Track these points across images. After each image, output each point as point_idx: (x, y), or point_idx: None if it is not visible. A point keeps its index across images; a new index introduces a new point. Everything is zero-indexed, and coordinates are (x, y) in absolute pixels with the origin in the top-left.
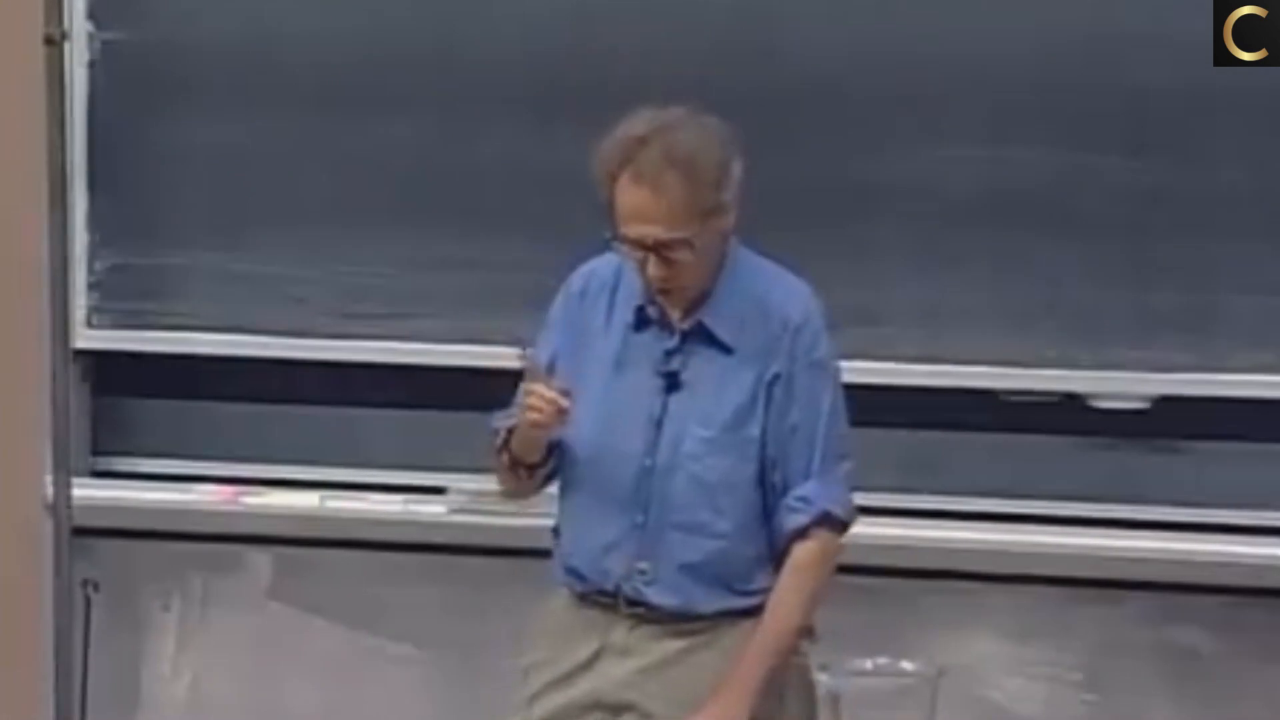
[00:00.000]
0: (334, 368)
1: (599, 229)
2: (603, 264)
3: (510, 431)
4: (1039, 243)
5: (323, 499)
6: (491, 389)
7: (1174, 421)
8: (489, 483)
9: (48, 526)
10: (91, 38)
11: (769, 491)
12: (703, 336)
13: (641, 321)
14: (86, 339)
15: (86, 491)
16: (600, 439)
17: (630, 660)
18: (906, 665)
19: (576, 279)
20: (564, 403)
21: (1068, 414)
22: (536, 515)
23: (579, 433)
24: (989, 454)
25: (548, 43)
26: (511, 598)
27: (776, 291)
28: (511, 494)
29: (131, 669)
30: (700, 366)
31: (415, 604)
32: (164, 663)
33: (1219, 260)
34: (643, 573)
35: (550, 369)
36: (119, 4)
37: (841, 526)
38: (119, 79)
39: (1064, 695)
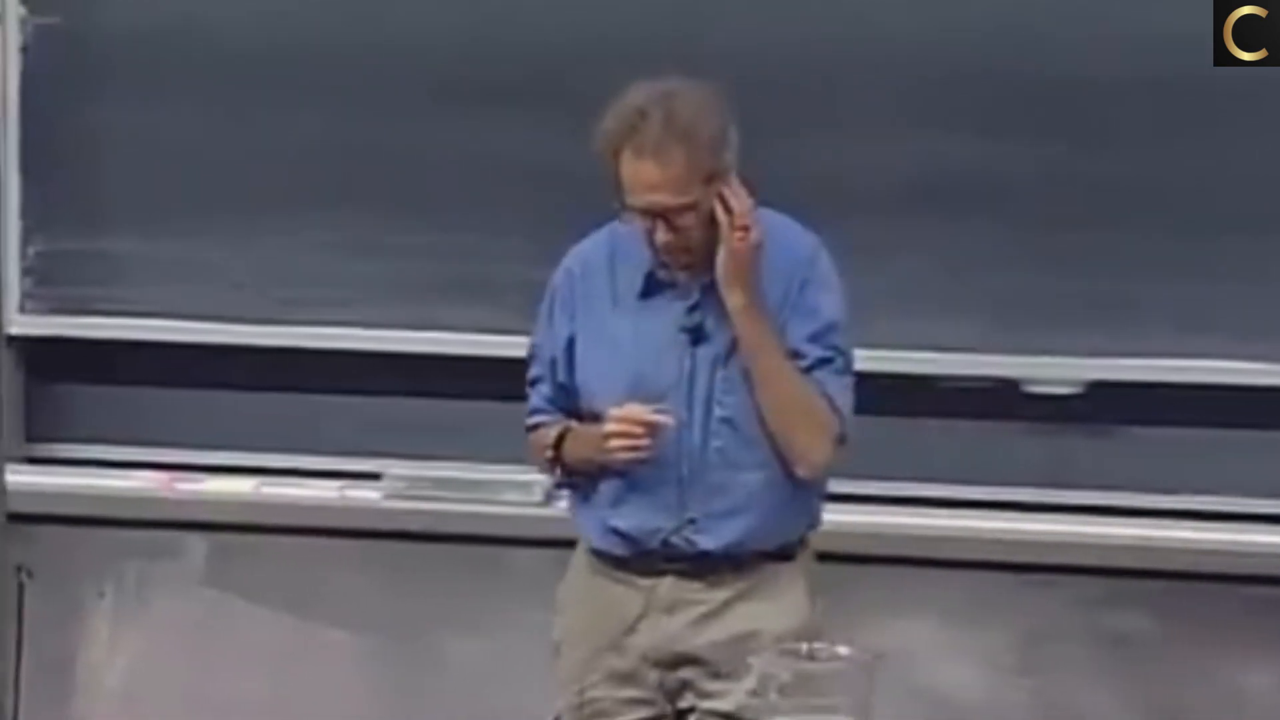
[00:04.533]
0: (270, 353)
1: (534, 215)
2: (590, 246)
3: (561, 438)
4: (973, 229)
5: (258, 485)
6: (427, 374)
7: (1108, 406)
8: (424, 468)
9: None
10: (24, 22)
11: None
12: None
13: (652, 287)
14: (20, 325)
15: (21, 477)
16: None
17: (679, 614)
18: (842, 650)
19: (572, 262)
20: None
21: (1002, 399)
22: (471, 501)
23: (612, 403)
24: (924, 440)
25: (482, 30)
26: (447, 582)
27: (778, 229)
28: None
29: (66, 655)
30: (722, 315)
31: (351, 589)
32: (99, 649)
33: (1152, 247)
34: (693, 521)
35: (569, 349)
36: None
37: (839, 422)
38: (52, 64)
39: (1000, 680)
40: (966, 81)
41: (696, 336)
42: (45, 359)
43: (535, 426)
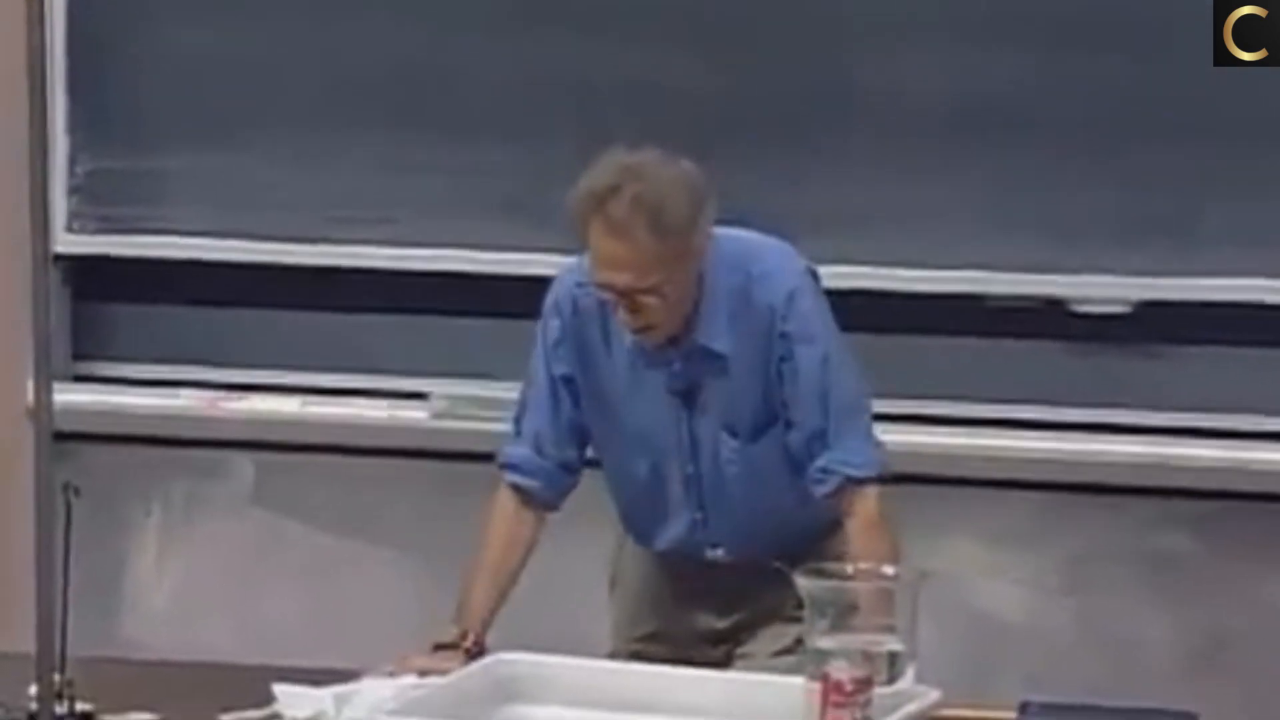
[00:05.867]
0: (316, 272)
1: (583, 133)
2: (581, 289)
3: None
4: (1021, 147)
5: (305, 404)
6: (474, 293)
7: (1156, 326)
8: (471, 388)
9: (29, 431)
10: None
11: (794, 450)
12: (701, 352)
13: (640, 351)
14: (67, 244)
15: (68, 396)
16: (640, 461)
17: (711, 599)
18: (888, 570)
19: (562, 297)
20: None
21: (1050, 319)
22: None
23: (617, 460)
24: (971, 359)
25: None
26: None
27: (755, 275)
28: None
29: (114, 574)
30: (710, 380)
31: (398, 509)
32: (146, 567)
33: (1202, 165)
34: (717, 546)
35: (570, 384)
36: None
37: (876, 480)
38: None
39: (1044, 600)
40: None
41: (688, 399)
42: (92, 278)
43: (513, 487)
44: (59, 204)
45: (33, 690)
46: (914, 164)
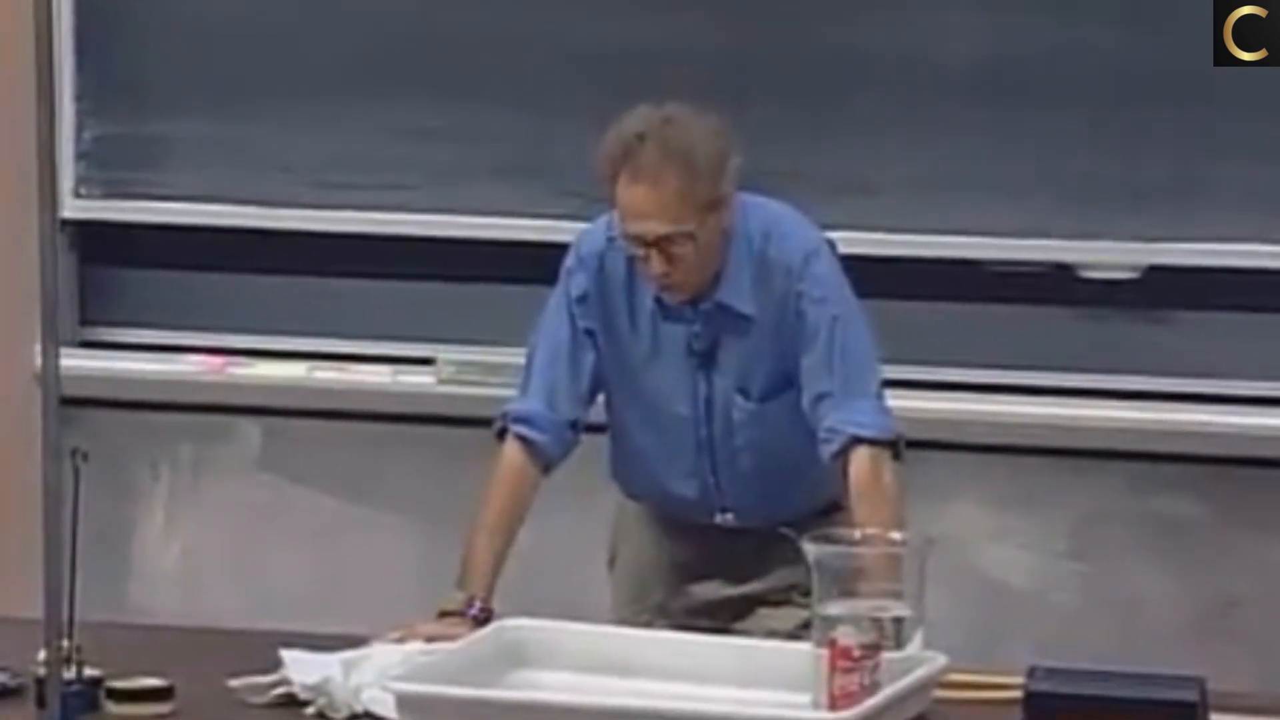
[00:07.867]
0: (322, 238)
1: (589, 97)
2: (607, 248)
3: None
4: (1028, 113)
5: (310, 369)
6: (480, 259)
7: (1163, 291)
8: (477, 353)
9: (36, 396)
10: None
11: (804, 412)
12: (723, 312)
13: (663, 309)
14: (74, 209)
15: (75, 361)
16: (655, 426)
17: (718, 567)
18: (895, 536)
19: (587, 254)
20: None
21: (1057, 284)
22: None
23: (631, 424)
24: (978, 324)
25: None
26: None
27: (774, 237)
28: None
29: (121, 538)
30: (729, 340)
31: (404, 474)
32: (153, 532)
33: (1208, 129)
34: (727, 511)
35: (592, 337)
36: None
37: (885, 444)
38: None
39: (1051, 565)
40: None
41: (706, 360)
42: (99, 243)
43: (520, 440)
44: (66, 169)
45: (41, 656)
46: (921, 129)
